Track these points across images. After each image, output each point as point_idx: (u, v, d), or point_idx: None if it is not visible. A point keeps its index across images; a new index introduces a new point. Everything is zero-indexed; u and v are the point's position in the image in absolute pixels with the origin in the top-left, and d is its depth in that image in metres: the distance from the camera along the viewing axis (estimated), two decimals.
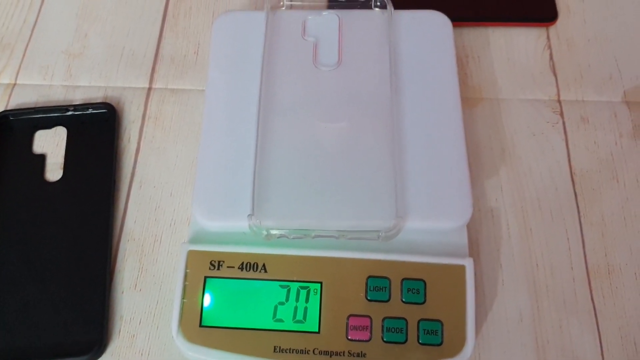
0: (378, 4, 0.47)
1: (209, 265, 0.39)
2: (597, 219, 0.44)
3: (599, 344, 0.40)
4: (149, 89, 0.50)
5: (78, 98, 0.50)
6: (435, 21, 0.46)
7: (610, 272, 0.43)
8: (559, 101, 0.49)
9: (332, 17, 0.46)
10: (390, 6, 0.46)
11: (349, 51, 0.45)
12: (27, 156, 0.47)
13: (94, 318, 0.41)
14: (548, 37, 0.52)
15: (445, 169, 0.40)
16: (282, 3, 0.48)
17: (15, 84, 0.50)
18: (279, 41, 0.45)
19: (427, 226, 0.39)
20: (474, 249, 0.43)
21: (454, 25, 0.48)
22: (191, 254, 0.39)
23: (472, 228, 0.44)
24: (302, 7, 0.49)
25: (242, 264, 0.39)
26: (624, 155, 0.47)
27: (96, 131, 0.48)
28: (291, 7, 0.48)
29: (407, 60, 0.45)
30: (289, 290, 0.39)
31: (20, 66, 0.51)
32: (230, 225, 0.39)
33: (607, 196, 0.45)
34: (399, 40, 0.45)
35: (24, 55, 0.52)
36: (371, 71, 0.44)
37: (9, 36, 0.53)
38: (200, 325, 0.38)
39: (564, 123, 0.48)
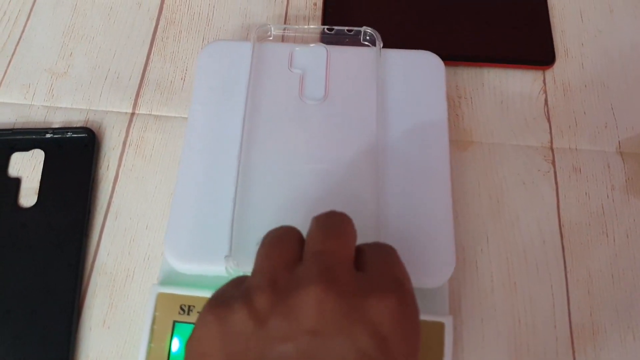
0: (367, 38, 0.46)
1: (179, 309, 0.38)
2: (584, 275, 0.43)
3: None
4: (132, 114, 0.48)
5: (59, 120, 0.48)
6: (428, 62, 0.45)
7: (594, 333, 0.41)
8: (552, 149, 0.48)
9: (320, 49, 0.45)
10: (379, 42, 0.45)
11: (336, 86, 0.43)
12: (1, 179, 0.45)
13: (59, 355, 0.40)
14: (544, 81, 0.51)
15: (428, 224, 0.39)
16: (269, 34, 0.47)
17: None
18: (265, 72, 0.44)
19: None
20: (455, 301, 0.42)
21: (449, 64, 0.47)
22: (161, 297, 0.38)
23: (455, 278, 0.42)
24: (293, 40, 0.48)
25: None
26: (615, 209, 0.45)
27: (75, 156, 0.46)
28: (282, 39, 0.47)
29: (396, 102, 0.43)
30: None
31: (1, 83, 0.50)
32: (204, 269, 0.38)
33: (595, 251, 0.44)
34: (389, 80, 0.44)
35: (5, 71, 0.50)
36: (357, 107, 0.43)
37: None
38: None
39: (555, 172, 0.47)
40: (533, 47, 0.51)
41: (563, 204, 0.46)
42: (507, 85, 0.50)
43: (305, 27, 0.50)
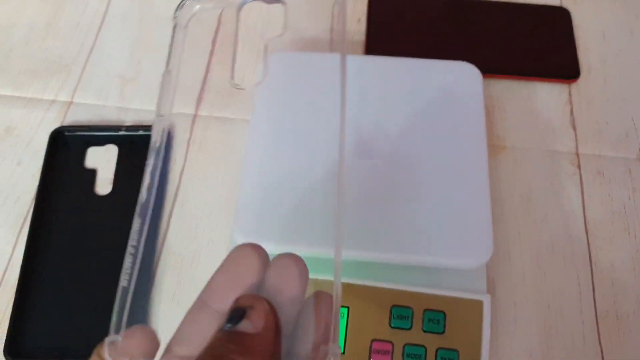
0: None
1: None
2: (608, 267, 0.47)
3: None
4: (195, 115, 0.54)
5: (129, 120, 0.53)
6: (467, 72, 0.50)
7: (618, 319, 0.45)
8: (577, 154, 0.52)
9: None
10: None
11: (380, 97, 0.48)
12: (79, 170, 0.50)
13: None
14: (570, 94, 0.55)
15: (470, 211, 0.43)
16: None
17: (71, 102, 0.54)
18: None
19: (450, 263, 0.42)
20: (490, 287, 0.46)
21: (484, 76, 0.52)
22: None
23: (490, 267, 0.47)
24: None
25: None
26: (636, 210, 0.50)
27: (145, 151, 0.51)
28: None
29: (439, 107, 0.48)
30: None
31: (77, 86, 0.55)
32: (267, 247, 0.42)
33: (618, 246, 0.48)
34: (432, 87, 0.49)
35: (80, 76, 0.56)
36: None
37: (68, 57, 0.57)
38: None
39: (580, 175, 0.51)
40: (560, 63, 0.56)
41: (588, 204, 0.50)
42: (536, 97, 0.55)
43: None
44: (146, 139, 0.51)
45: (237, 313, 0.25)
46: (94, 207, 0.49)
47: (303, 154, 0.45)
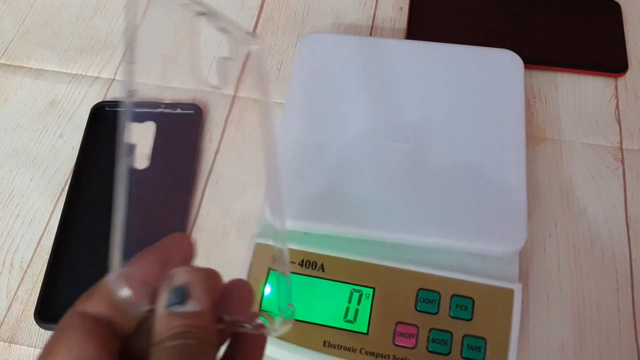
0: None
1: (273, 258, 0.42)
2: None
3: None
4: (234, 96, 0.54)
5: (169, 97, 0.54)
6: (508, 59, 0.49)
7: None
8: (621, 149, 0.50)
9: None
10: None
11: (415, 81, 0.48)
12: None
13: None
14: (616, 87, 0.54)
15: (504, 197, 0.42)
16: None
17: (113, 79, 0.55)
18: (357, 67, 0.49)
19: (482, 249, 0.41)
20: (523, 278, 0.45)
21: (526, 67, 0.51)
22: (258, 247, 0.43)
23: (524, 258, 0.45)
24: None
25: (303, 261, 0.42)
26: None
27: (182, 129, 0.52)
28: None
29: (478, 93, 0.47)
30: (342, 291, 0.41)
31: (120, 64, 0.56)
32: (298, 225, 0.42)
33: None
34: (473, 73, 0.48)
35: (124, 54, 0.57)
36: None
37: (113, 37, 0.58)
38: (260, 311, 0.41)
39: (623, 170, 0.49)
40: (607, 55, 0.54)
41: (630, 199, 0.48)
42: (580, 90, 0.53)
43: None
44: (184, 117, 0.52)
45: (180, 292, 0.23)
46: (131, 181, 0.49)
47: (333, 136, 0.45)
